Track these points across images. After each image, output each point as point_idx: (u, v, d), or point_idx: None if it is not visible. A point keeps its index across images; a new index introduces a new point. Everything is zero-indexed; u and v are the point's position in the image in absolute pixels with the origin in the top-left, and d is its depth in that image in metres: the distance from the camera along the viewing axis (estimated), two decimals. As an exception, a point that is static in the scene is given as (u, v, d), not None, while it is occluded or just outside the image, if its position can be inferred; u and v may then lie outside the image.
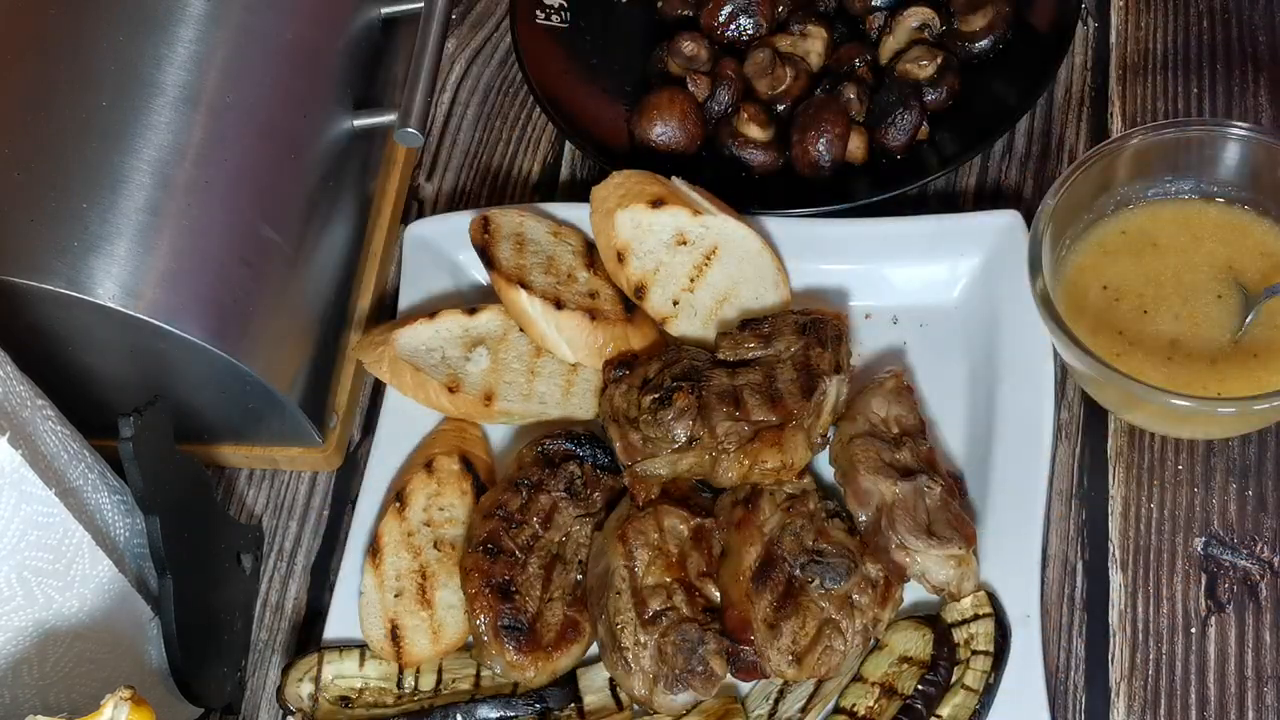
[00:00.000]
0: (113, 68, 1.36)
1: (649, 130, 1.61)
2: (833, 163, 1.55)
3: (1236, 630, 1.32)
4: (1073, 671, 1.33)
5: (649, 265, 1.47)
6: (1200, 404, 1.30)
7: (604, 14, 1.76)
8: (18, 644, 1.21)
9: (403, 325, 1.49)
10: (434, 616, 1.37)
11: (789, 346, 1.40)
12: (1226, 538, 1.37)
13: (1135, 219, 1.42)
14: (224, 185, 1.37)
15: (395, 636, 1.36)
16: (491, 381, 1.46)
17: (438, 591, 1.38)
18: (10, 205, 1.30)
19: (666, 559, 1.32)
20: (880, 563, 1.30)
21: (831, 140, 1.55)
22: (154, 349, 1.33)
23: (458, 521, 1.41)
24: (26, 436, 1.18)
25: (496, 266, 1.47)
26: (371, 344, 1.49)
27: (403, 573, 1.39)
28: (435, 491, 1.42)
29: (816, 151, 1.55)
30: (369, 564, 1.39)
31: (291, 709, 1.35)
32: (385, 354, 1.47)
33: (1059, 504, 1.40)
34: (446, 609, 1.37)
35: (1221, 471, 1.40)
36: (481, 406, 1.45)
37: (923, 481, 1.32)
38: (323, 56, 1.52)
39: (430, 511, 1.42)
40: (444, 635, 1.36)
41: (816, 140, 1.55)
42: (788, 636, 1.27)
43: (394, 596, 1.38)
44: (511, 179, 1.72)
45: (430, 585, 1.38)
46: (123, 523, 1.31)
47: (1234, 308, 1.37)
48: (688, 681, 1.27)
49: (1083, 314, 1.38)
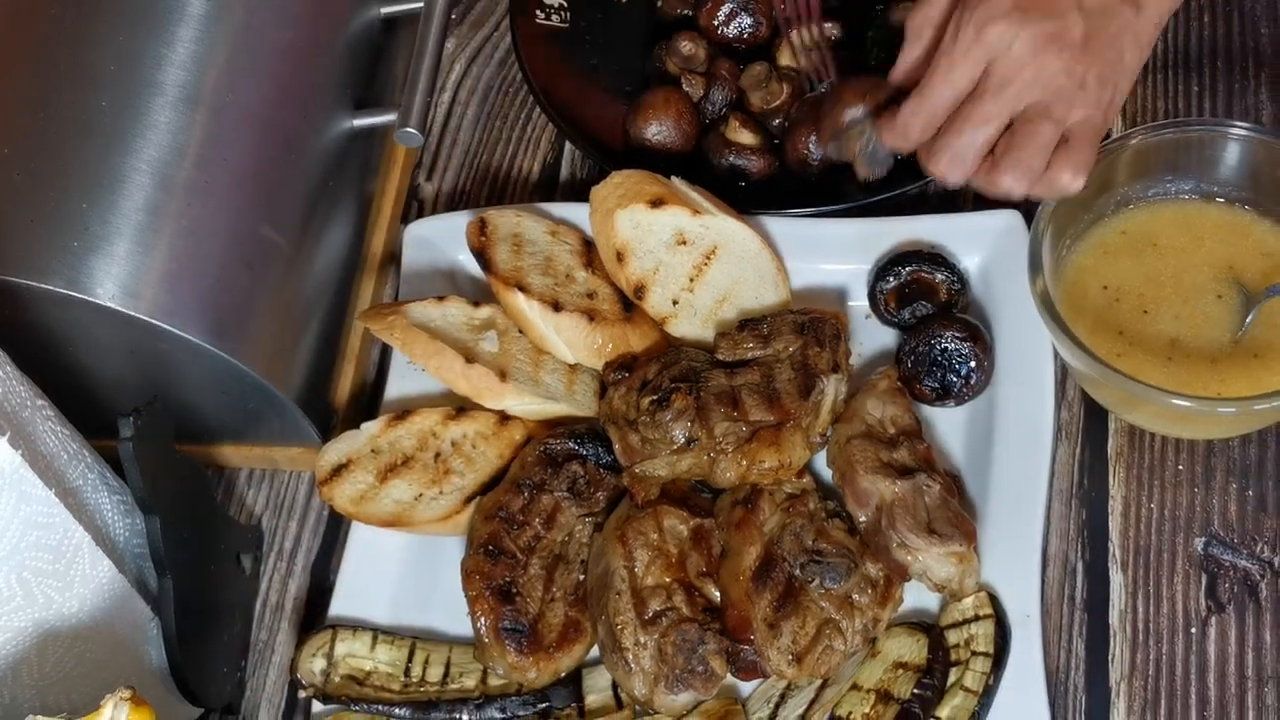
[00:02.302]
0: (112, 67, 1.35)
1: (644, 130, 1.60)
2: (823, 160, 1.55)
3: (1237, 630, 1.32)
4: (1073, 672, 1.32)
5: (649, 265, 1.47)
6: (1201, 404, 1.30)
7: (604, 14, 1.76)
8: (17, 644, 1.20)
9: (412, 302, 1.49)
10: (375, 489, 1.41)
11: (787, 346, 1.40)
12: (1227, 538, 1.37)
13: (1135, 219, 1.42)
14: (224, 185, 1.37)
15: (337, 471, 1.41)
16: (503, 362, 1.46)
17: (393, 480, 1.41)
18: (10, 205, 1.30)
19: (666, 559, 1.32)
20: (881, 563, 1.30)
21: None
22: (154, 349, 1.33)
23: (473, 464, 1.43)
24: (26, 437, 1.18)
25: (494, 270, 1.47)
26: (379, 314, 1.48)
27: (397, 446, 1.43)
28: (481, 435, 1.44)
29: (807, 149, 1.55)
30: (389, 418, 1.44)
31: (304, 683, 1.35)
32: (396, 322, 1.46)
33: (1059, 504, 1.39)
34: (386, 495, 1.41)
35: (1222, 471, 1.40)
36: (496, 381, 1.43)
37: (921, 480, 1.31)
38: (322, 56, 1.51)
39: (464, 442, 1.44)
40: (363, 505, 1.40)
41: (807, 137, 1.55)
42: (787, 636, 1.27)
43: (371, 451, 1.42)
44: (511, 179, 1.71)
45: (398, 471, 1.42)
46: (122, 523, 1.31)
47: (1234, 308, 1.37)
48: (688, 681, 1.27)
49: (1083, 314, 1.38)
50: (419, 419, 1.45)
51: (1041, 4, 1.25)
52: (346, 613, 1.40)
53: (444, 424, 1.44)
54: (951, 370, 1.41)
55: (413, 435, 1.44)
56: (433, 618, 1.41)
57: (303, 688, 1.35)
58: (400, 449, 1.44)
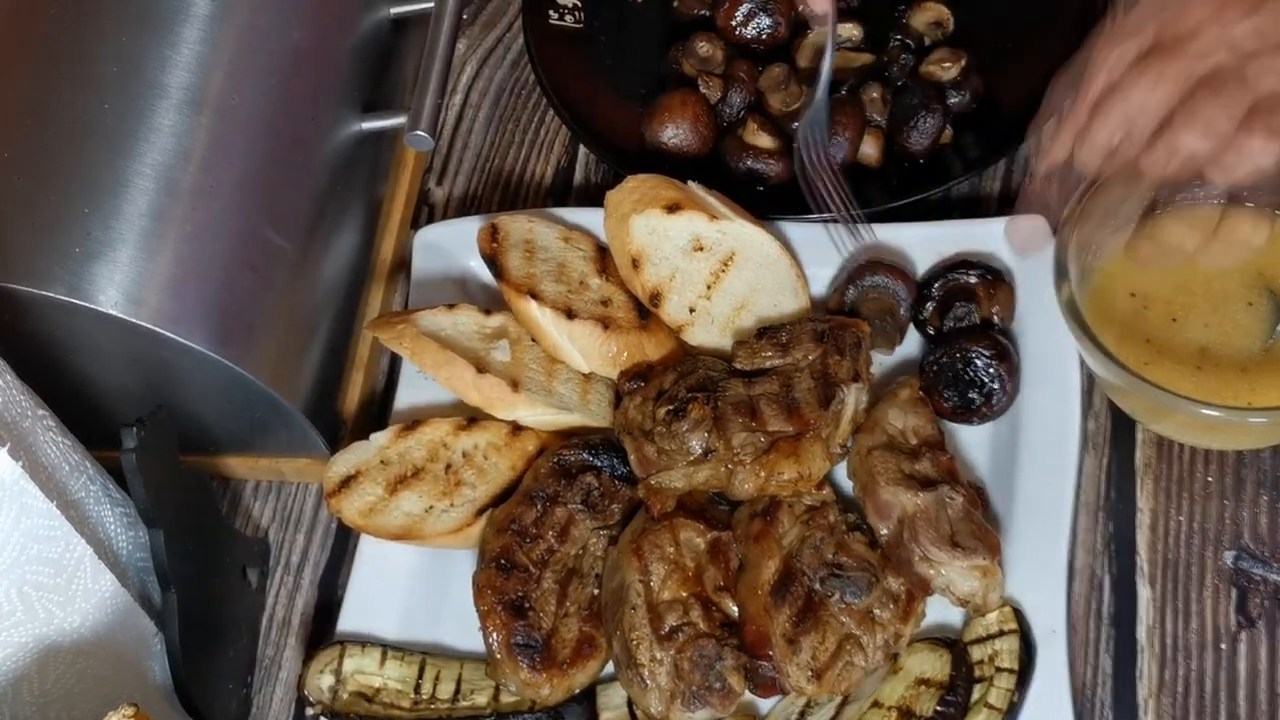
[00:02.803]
0: (115, 69, 1.34)
1: (660, 133, 1.59)
2: (843, 164, 1.53)
3: (1268, 646, 1.31)
4: (1099, 689, 1.31)
5: (665, 272, 1.45)
6: (1231, 413, 1.28)
7: (619, 14, 1.75)
8: (18, 660, 1.20)
9: (422, 310, 1.48)
10: (385, 501, 1.40)
11: (807, 355, 1.39)
12: (1258, 551, 1.35)
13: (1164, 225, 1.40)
14: (229, 190, 1.36)
15: (345, 483, 1.40)
16: (515, 372, 1.44)
17: (403, 492, 1.40)
18: (10, 210, 1.29)
19: (683, 573, 1.30)
20: (903, 576, 1.29)
21: (843, 142, 1.53)
22: (157, 357, 1.32)
23: (485, 475, 1.41)
24: (27, 448, 1.17)
25: (506, 277, 1.46)
26: (388, 323, 1.47)
27: (406, 457, 1.42)
28: (493, 445, 1.43)
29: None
30: (399, 428, 1.43)
31: (311, 700, 1.34)
32: (405, 331, 1.44)
33: (1085, 516, 1.38)
34: (395, 507, 1.40)
35: (1252, 483, 1.38)
36: (509, 391, 1.41)
37: (944, 492, 1.30)
38: (330, 58, 1.51)
39: (475, 453, 1.43)
40: (373, 518, 1.39)
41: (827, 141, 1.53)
42: (807, 652, 1.25)
43: (380, 462, 1.41)
44: (524, 183, 1.71)
45: (408, 483, 1.41)
46: (125, 536, 1.30)
47: (1265, 315, 1.35)
48: (705, 698, 1.26)
49: (1110, 322, 1.36)
50: (429, 429, 1.43)
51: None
52: (355, 628, 1.39)
53: (455, 434, 1.43)
54: (974, 387, 1.39)
55: (423, 446, 1.43)
56: (443, 633, 1.39)
57: (310, 705, 1.35)
58: (410, 460, 1.42)
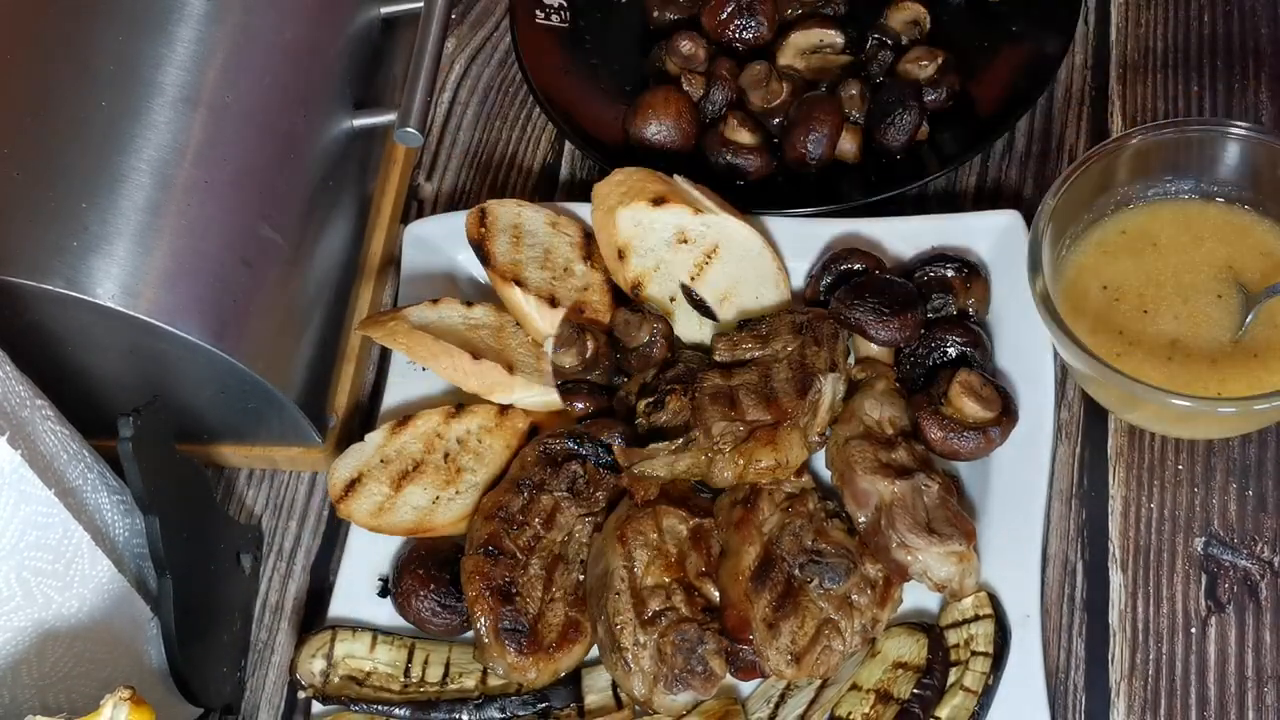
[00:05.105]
0: (112, 67, 1.35)
1: (643, 129, 1.60)
2: (820, 160, 1.55)
3: (1237, 630, 1.32)
4: (1073, 672, 1.32)
5: (649, 263, 1.47)
6: (1201, 404, 1.30)
7: (604, 14, 1.76)
8: (17, 644, 1.21)
9: (409, 306, 1.49)
10: (392, 499, 1.41)
11: (785, 346, 1.40)
12: (1227, 538, 1.37)
13: (1135, 219, 1.42)
14: (224, 185, 1.37)
15: (351, 486, 1.41)
16: (507, 356, 1.46)
17: (408, 487, 1.41)
18: (9, 205, 1.30)
19: (665, 559, 1.32)
20: (881, 562, 1.30)
21: (820, 137, 1.55)
22: (153, 349, 1.33)
23: (482, 459, 1.43)
24: (26, 436, 1.18)
25: (492, 263, 1.47)
26: (379, 322, 1.48)
27: (405, 452, 1.42)
28: (485, 428, 1.44)
29: (805, 148, 1.55)
30: (392, 425, 1.44)
31: (303, 684, 1.35)
32: (398, 328, 1.46)
33: (1059, 504, 1.39)
34: (403, 503, 1.40)
35: (1222, 471, 1.40)
36: (505, 375, 1.43)
37: (920, 480, 1.31)
38: (322, 56, 1.52)
39: (469, 438, 1.44)
40: (384, 517, 1.40)
41: (805, 136, 1.55)
42: (786, 636, 1.27)
43: (380, 460, 1.42)
44: (511, 179, 1.71)
45: (411, 477, 1.42)
46: (122, 523, 1.31)
47: (1234, 308, 1.37)
48: (687, 681, 1.27)
49: (1083, 314, 1.37)
50: (421, 422, 1.45)
51: None
52: (346, 613, 1.40)
53: (446, 423, 1.44)
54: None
55: (418, 439, 1.44)
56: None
57: (302, 688, 1.36)
58: (409, 454, 1.43)
